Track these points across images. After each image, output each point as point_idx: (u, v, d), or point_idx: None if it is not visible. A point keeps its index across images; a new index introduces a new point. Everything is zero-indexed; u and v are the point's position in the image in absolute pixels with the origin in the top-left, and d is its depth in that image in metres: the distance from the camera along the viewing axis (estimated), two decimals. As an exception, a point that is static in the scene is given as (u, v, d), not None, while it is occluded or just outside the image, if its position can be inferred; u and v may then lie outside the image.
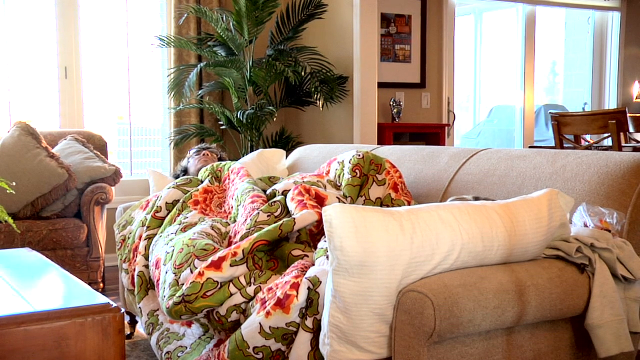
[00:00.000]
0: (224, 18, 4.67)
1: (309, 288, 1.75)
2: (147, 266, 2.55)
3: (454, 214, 1.61)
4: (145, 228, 2.68)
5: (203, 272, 1.98)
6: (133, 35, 5.01)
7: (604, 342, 1.65)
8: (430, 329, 1.48)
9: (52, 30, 4.74)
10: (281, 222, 2.08)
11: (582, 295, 1.69)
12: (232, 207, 2.58)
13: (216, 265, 1.98)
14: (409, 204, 2.34)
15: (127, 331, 3.07)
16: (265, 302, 1.82)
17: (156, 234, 2.60)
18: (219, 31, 4.60)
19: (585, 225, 1.82)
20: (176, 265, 2.18)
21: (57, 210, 3.91)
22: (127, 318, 3.03)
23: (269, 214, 2.26)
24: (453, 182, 2.43)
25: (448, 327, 1.49)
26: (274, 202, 2.32)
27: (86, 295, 1.74)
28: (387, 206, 2.30)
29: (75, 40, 4.79)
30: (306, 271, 1.87)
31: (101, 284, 3.95)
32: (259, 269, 2.03)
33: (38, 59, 4.76)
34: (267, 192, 2.52)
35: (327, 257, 1.82)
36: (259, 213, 2.27)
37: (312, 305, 1.73)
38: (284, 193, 2.40)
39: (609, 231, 1.79)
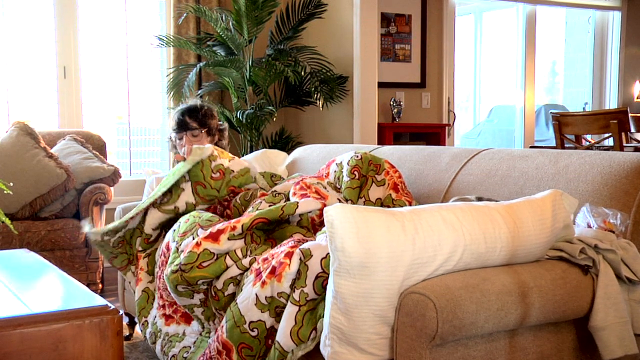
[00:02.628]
0: (224, 18, 4.65)
1: (300, 259, 1.74)
2: (151, 281, 2.52)
3: (456, 215, 1.60)
4: (141, 249, 2.61)
5: (200, 242, 1.99)
6: (132, 34, 4.99)
7: (608, 345, 1.63)
8: (433, 332, 1.47)
9: (51, 30, 4.72)
10: (285, 204, 2.09)
11: (585, 297, 1.67)
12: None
13: (214, 237, 1.99)
14: (410, 204, 2.32)
15: (126, 332, 3.05)
16: (261, 272, 1.82)
17: (156, 249, 2.57)
18: (219, 31, 4.58)
19: (589, 226, 1.80)
20: (180, 234, 2.20)
21: (55, 210, 3.89)
22: (126, 319, 3.01)
23: (271, 204, 2.28)
24: (454, 183, 2.41)
25: (450, 329, 1.48)
26: (278, 193, 2.34)
27: (84, 297, 1.72)
28: (388, 207, 2.28)
29: (74, 40, 4.77)
30: (303, 243, 1.87)
31: (100, 285, 3.93)
32: (255, 244, 2.03)
33: (37, 59, 4.74)
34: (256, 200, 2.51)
35: (327, 235, 1.82)
36: (261, 202, 2.30)
37: (300, 277, 1.72)
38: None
39: (613, 232, 1.77)
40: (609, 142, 4.98)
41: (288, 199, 2.31)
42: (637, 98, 6.88)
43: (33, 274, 2.06)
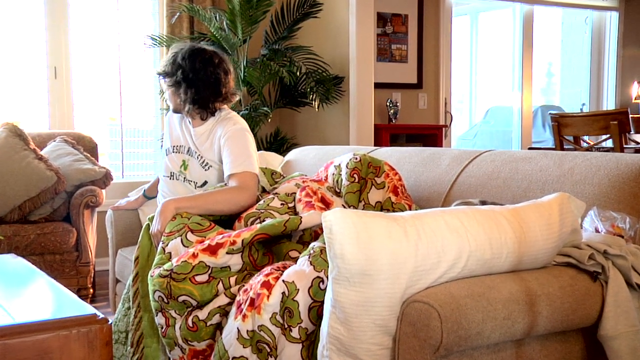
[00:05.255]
0: (218, 17, 4.58)
1: (283, 293, 1.67)
2: None
3: (460, 220, 1.53)
4: None
5: (197, 254, 1.92)
6: (124, 34, 4.91)
7: (618, 355, 1.57)
8: (437, 342, 1.40)
9: (42, 30, 4.64)
10: (287, 218, 2.03)
11: (594, 305, 1.61)
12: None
13: (212, 250, 1.93)
14: (410, 207, 2.26)
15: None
16: (241, 304, 1.76)
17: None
18: (212, 30, 4.51)
19: (597, 231, 1.74)
20: (166, 233, 2.13)
21: (45, 214, 3.81)
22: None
23: (283, 202, 2.25)
24: (455, 185, 2.35)
25: (456, 340, 1.41)
26: (290, 193, 2.30)
27: (72, 306, 1.65)
28: (388, 210, 2.22)
29: (65, 40, 4.69)
30: (282, 271, 1.80)
31: (91, 290, 3.85)
32: (253, 262, 1.97)
33: (27, 59, 4.65)
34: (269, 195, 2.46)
35: (309, 257, 1.76)
36: (274, 198, 2.28)
37: (293, 315, 1.65)
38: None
39: (622, 237, 1.71)
40: (607, 143, 4.93)
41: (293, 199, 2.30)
42: (635, 99, 6.84)
43: (19, 281, 1.98)
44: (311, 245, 1.84)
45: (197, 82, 2.56)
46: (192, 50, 2.60)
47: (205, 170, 2.59)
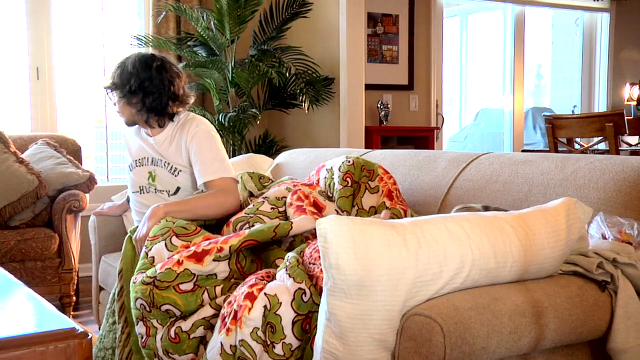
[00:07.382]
0: (205, 17, 4.49)
1: (265, 307, 1.59)
2: None
3: (463, 227, 1.44)
4: None
5: (182, 261, 1.83)
6: (109, 34, 4.80)
7: (629, 369, 1.49)
8: (440, 358, 1.31)
9: (23, 29, 4.51)
10: (277, 224, 1.94)
11: (603, 316, 1.52)
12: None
13: (198, 257, 1.84)
14: (405, 212, 2.17)
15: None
16: (225, 318, 1.67)
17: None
18: (200, 30, 4.42)
19: (604, 237, 1.65)
20: (150, 237, 2.04)
21: (26, 219, 3.68)
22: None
23: (273, 206, 2.16)
24: (452, 189, 2.26)
25: (459, 355, 1.32)
26: (281, 197, 2.21)
27: (49, 319, 1.55)
28: (383, 216, 2.13)
29: (47, 39, 4.56)
30: (267, 280, 1.71)
31: (74, 298, 3.73)
32: (240, 269, 1.88)
33: (7, 59, 4.53)
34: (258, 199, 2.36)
35: (287, 270, 1.68)
36: (263, 202, 2.18)
37: (276, 330, 1.56)
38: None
39: (630, 244, 1.63)
40: (600, 145, 4.87)
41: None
42: (627, 100, 6.79)
43: (-7, 292, 1.87)
44: (286, 257, 1.76)
45: (154, 89, 2.49)
46: (142, 58, 2.53)
47: (175, 176, 2.50)
